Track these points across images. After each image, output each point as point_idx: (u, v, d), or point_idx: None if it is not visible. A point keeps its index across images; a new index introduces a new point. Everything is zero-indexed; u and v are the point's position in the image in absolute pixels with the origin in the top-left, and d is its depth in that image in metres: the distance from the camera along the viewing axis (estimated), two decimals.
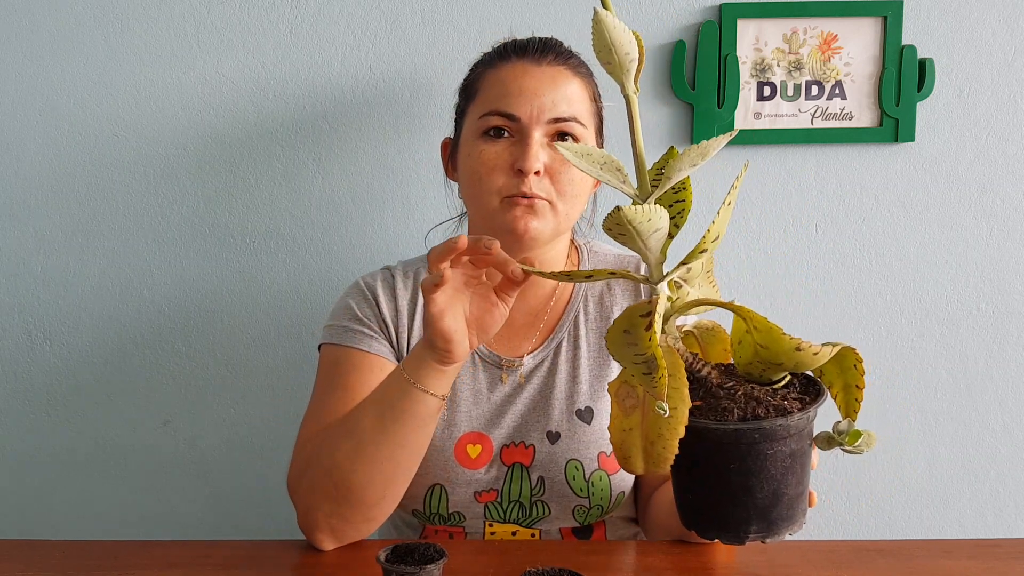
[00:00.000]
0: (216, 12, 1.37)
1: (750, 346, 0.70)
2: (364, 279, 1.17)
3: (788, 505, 0.69)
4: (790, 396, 0.70)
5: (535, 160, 1.03)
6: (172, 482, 1.47)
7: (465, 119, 1.12)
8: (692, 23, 1.37)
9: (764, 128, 1.38)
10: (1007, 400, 1.45)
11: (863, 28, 1.36)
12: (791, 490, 0.69)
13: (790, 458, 0.68)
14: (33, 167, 1.40)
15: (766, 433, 0.67)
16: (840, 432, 0.71)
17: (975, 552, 1.00)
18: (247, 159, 1.40)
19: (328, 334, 1.13)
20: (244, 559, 0.99)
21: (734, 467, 0.68)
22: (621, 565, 0.98)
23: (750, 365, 0.71)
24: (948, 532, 1.47)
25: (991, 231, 1.42)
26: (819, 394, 0.71)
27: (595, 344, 1.14)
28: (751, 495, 0.68)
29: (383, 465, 0.96)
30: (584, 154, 0.68)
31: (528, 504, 1.10)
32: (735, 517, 0.69)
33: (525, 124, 1.05)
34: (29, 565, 0.97)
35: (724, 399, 0.69)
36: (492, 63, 1.11)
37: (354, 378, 1.08)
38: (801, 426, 0.68)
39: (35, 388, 1.45)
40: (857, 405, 0.72)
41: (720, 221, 0.69)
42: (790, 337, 0.67)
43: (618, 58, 0.66)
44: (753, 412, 0.67)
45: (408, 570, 0.81)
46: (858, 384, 0.72)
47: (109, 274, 1.42)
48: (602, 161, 0.69)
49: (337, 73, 1.38)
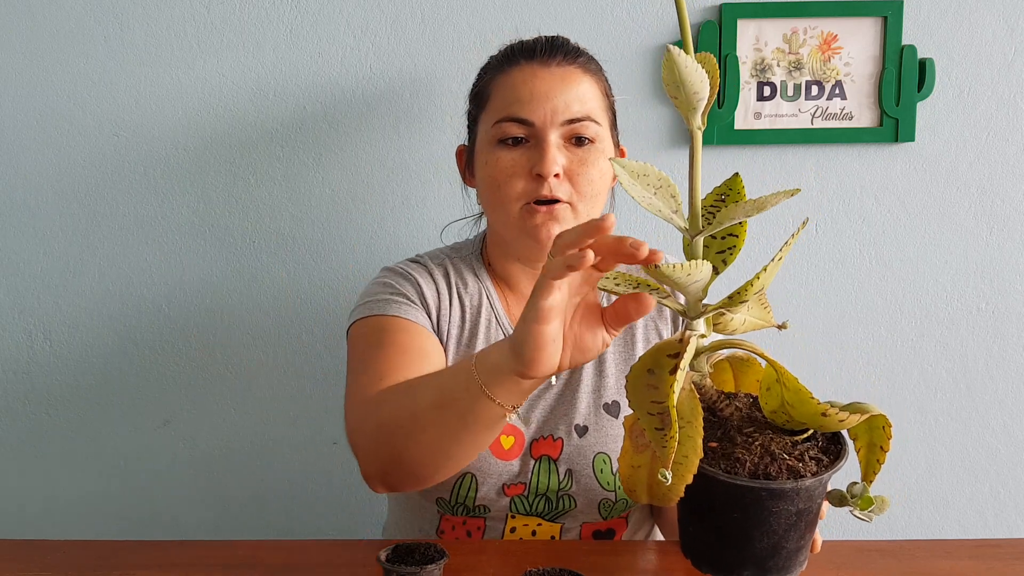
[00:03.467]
0: (216, 12, 1.37)
1: (777, 396, 0.69)
2: (395, 265, 1.15)
3: (786, 557, 0.69)
4: (808, 454, 0.68)
5: (553, 164, 1.03)
6: (172, 482, 1.47)
7: (479, 126, 1.11)
8: (692, 23, 1.36)
9: (764, 128, 1.38)
10: (1007, 400, 1.45)
11: (863, 28, 1.36)
12: (791, 544, 0.68)
13: (796, 516, 0.67)
14: (33, 167, 1.40)
15: (774, 493, 0.66)
16: (853, 496, 0.70)
17: (975, 552, 1.00)
18: (247, 159, 1.40)
19: (365, 310, 1.09)
20: (244, 559, 0.98)
21: (736, 516, 0.67)
22: (622, 565, 0.98)
23: (775, 414, 0.70)
24: (948, 532, 1.47)
25: (991, 231, 1.42)
26: (839, 456, 0.69)
27: (620, 338, 1.13)
28: (750, 544, 0.67)
29: (437, 454, 0.89)
30: (640, 174, 0.65)
31: (555, 498, 1.09)
32: (729, 560, 0.69)
33: (540, 128, 1.05)
34: (29, 565, 0.97)
35: (740, 447, 0.68)
36: (501, 68, 1.10)
37: (404, 337, 1.04)
38: (812, 489, 0.67)
39: (35, 388, 1.45)
40: (878, 467, 0.71)
41: (766, 276, 0.66)
42: (818, 402, 0.66)
43: (686, 95, 0.65)
44: (765, 470, 0.66)
45: (408, 570, 0.81)
46: (883, 446, 0.70)
47: (109, 274, 1.42)
48: (658, 184, 0.66)
49: (337, 73, 1.38)
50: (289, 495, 1.47)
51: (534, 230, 1.05)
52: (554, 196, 1.04)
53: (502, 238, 1.12)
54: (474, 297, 1.14)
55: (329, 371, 1.43)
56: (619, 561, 0.99)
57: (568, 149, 1.05)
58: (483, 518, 1.10)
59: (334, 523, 1.48)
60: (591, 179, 1.05)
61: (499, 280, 1.16)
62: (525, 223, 1.06)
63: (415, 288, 1.11)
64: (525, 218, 1.06)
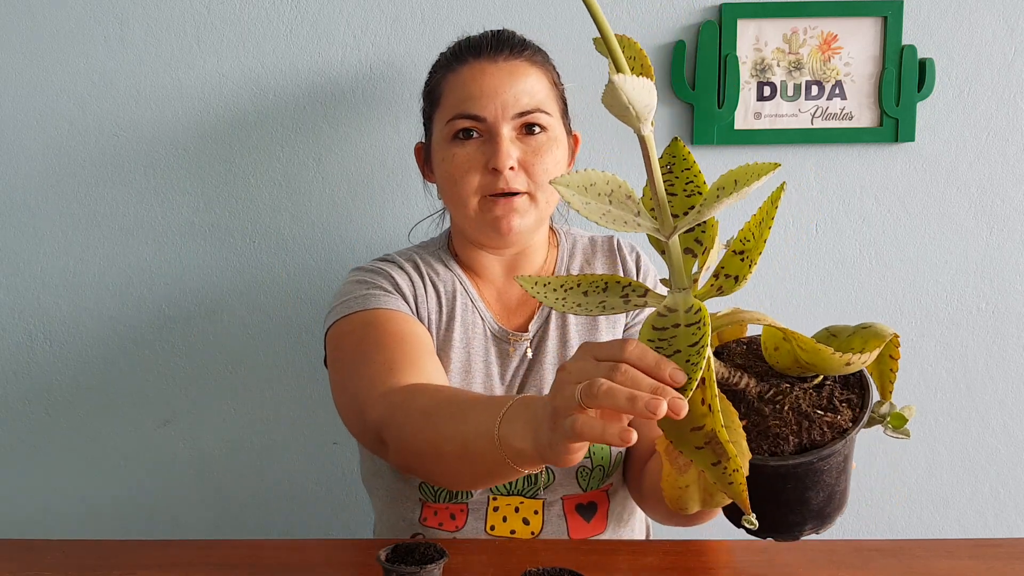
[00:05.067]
0: (216, 12, 1.37)
1: (789, 355, 0.67)
2: (364, 265, 1.18)
3: (840, 496, 0.68)
4: (836, 398, 0.66)
5: (507, 157, 1.07)
6: (172, 482, 1.47)
7: (434, 124, 1.15)
8: (692, 23, 1.37)
9: (764, 128, 1.38)
10: (1007, 400, 1.45)
11: (863, 28, 1.36)
12: (842, 485, 0.68)
13: (843, 461, 0.67)
14: (33, 167, 1.40)
15: (824, 456, 0.64)
16: (883, 416, 0.68)
17: (975, 552, 1.00)
18: (247, 159, 1.40)
19: (344, 308, 1.10)
20: (244, 559, 0.98)
21: (791, 486, 0.66)
22: (621, 565, 0.98)
23: (787, 370, 0.68)
24: (948, 532, 1.47)
25: (991, 231, 1.42)
26: (863, 388, 0.67)
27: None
28: (806, 504, 0.67)
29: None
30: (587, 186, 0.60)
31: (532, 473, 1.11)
32: (789, 522, 0.68)
33: (492, 123, 1.08)
34: (29, 565, 0.97)
35: (771, 418, 0.66)
36: (450, 66, 1.13)
37: (393, 327, 1.06)
38: (854, 435, 0.66)
39: (35, 388, 1.45)
40: (893, 377, 0.68)
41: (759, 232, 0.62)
42: (840, 355, 0.63)
43: (636, 112, 0.59)
44: (809, 438, 0.64)
45: (408, 570, 0.81)
46: (892, 354, 0.68)
47: (109, 274, 1.42)
48: (609, 191, 0.61)
49: (337, 73, 1.38)
50: (289, 495, 1.47)
51: (495, 221, 1.09)
52: (511, 189, 1.08)
53: (464, 230, 1.16)
54: (447, 284, 1.17)
55: None
56: (619, 561, 0.99)
57: (521, 140, 1.09)
58: (465, 503, 1.12)
59: (334, 523, 1.48)
60: (546, 168, 1.09)
61: (467, 269, 1.19)
62: (485, 216, 1.10)
63: (389, 280, 1.13)
64: (484, 211, 1.10)
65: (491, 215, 1.09)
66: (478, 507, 1.12)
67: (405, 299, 1.13)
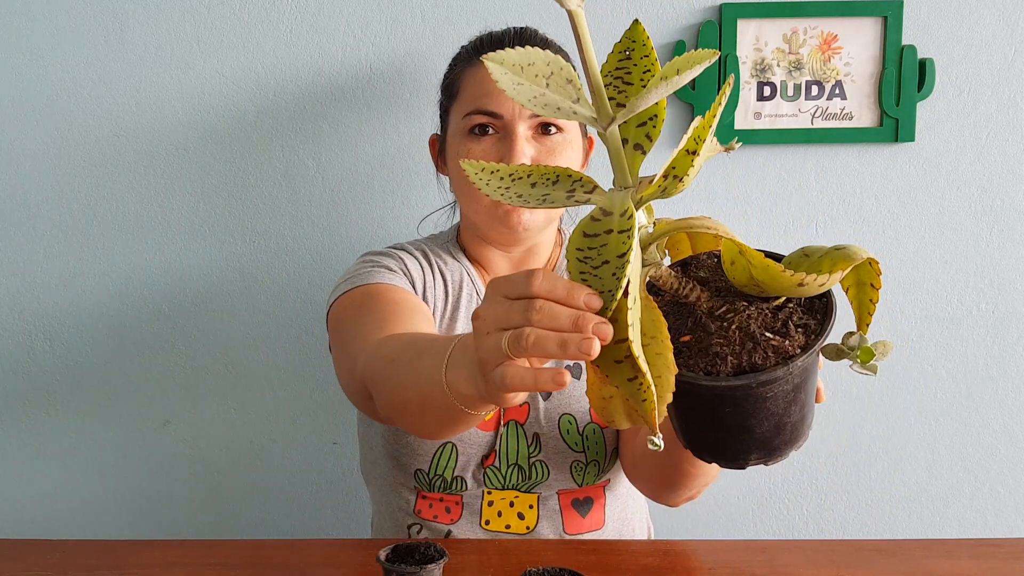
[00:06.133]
0: (216, 12, 1.37)
1: (744, 270, 0.61)
2: (373, 250, 1.18)
3: (791, 430, 0.63)
4: (792, 320, 0.61)
5: (521, 156, 1.07)
6: (172, 482, 1.47)
7: (450, 117, 1.16)
8: (692, 23, 1.37)
9: (764, 128, 1.38)
10: (1007, 400, 1.45)
11: (863, 28, 1.36)
12: (794, 417, 0.62)
13: (792, 392, 0.61)
14: (33, 167, 1.40)
15: (763, 382, 0.59)
16: (851, 348, 0.64)
17: (975, 552, 1.00)
18: (247, 159, 1.40)
19: (347, 285, 1.10)
20: (244, 559, 0.99)
21: (729, 411, 0.61)
22: (621, 565, 0.98)
23: (745, 287, 0.63)
24: (948, 532, 1.47)
25: (991, 231, 1.42)
26: (827, 315, 0.61)
27: None
28: (749, 432, 0.62)
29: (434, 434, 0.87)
30: (523, 65, 0.55)
31: (527, 466, 1.12)
32: (734, 450, 0.64)
33: (508, 121, 1.09)
34: (29, 565, 0.97)
35: (716, 336, 0.61)
36: (470, 60, 1.14)
37: (393, 295, 1.06)
38: (806, 364, 0.60)
39: (35, 388, 1.45)
40: (872, 308, 0.63)
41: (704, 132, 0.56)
42: (791, 274, 0.58)
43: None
44: (749, 361, 0.59)
45: (408, 570, 0.81)
46: (873, 283, 0.63)
47: (109, 274, 1.42)
48: (548, 72, 0.55)
49: (337, 73, 1.38)
50: (289, 495, 1.48)
51: (505, 216, 1.09)
52: None
53: (474, 224, 1.16)
54: (455, 273, 1.18)
55: (329, 371, 1.43)
56: (619, 561, 0.99)
57: (537, 140, 1.10)
58: (460, 494, 1.12)
59: (334, 523, 1.48)
60: None
61: (475, 262, 1.20)
62: (497, 211, 1.10)
63: (398, 262, 1.14)
64: (497, 206, 1.10)
65: (502, 210, 1.10)
66: (472, 500, 1.12)
67: (413, 282, 1.13)
